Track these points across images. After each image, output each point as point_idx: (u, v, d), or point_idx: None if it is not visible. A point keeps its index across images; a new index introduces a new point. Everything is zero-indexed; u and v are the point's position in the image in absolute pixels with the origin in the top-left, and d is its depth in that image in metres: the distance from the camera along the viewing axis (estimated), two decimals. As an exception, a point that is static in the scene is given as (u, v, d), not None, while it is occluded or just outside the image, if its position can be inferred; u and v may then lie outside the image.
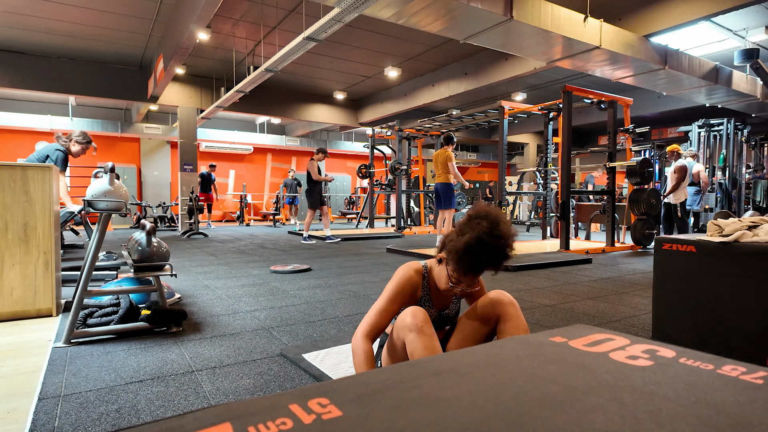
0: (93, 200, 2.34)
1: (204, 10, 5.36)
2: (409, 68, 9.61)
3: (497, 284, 3.74)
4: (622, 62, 6.20)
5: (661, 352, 0.61)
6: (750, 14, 6.42)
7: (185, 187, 9.99)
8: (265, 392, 1.64)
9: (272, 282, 3.84)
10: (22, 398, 1.60)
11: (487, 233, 1.32)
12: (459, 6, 4.61)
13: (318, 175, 6.99)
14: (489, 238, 1.32)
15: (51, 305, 2.67)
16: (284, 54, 6.12)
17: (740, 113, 9.99)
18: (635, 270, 4.57)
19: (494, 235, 1.32)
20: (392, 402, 0.47)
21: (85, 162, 12.20)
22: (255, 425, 0.41)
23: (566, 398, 0.48)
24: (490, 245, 1.32)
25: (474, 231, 1.34)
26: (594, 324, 2.59)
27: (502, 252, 1.34)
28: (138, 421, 1.43)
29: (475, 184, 16.88)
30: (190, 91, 10.20)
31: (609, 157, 6.28)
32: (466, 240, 1.33)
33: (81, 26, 7.36)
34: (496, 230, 1.33)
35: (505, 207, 7.02)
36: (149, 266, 2.44)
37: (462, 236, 1.36)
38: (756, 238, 1.81)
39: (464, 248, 1.34)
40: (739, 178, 8.70)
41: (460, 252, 1.35)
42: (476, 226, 1.35)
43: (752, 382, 0.52)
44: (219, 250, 6.21)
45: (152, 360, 1.96)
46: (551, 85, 10.52)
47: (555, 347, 0.65)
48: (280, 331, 2.42)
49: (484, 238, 1.32)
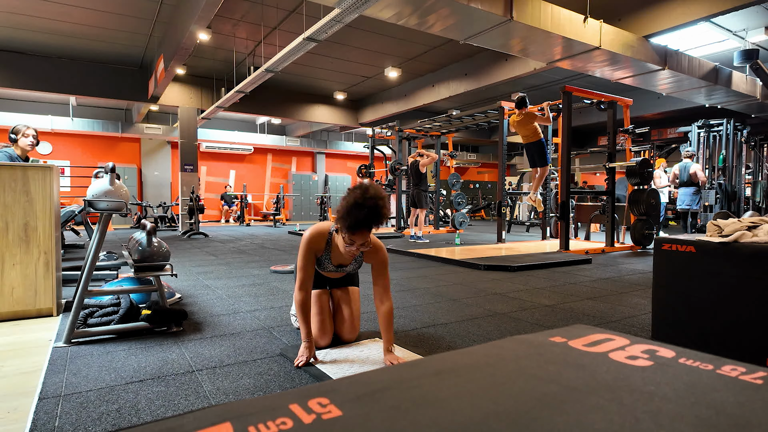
0: (93, 200, 2.34)
1: (204, 11, 5.36)
2: (409, 69, 9.61)
3: (497, 284, 3.75)
4: (622, 63, 6.20)
5: (660, 353, 0.61)
6: (750, 15, 6.42)
7: (185, 188, 9.99)
8: (265, 392, 1.64)
9: (272, 282, 3.84)
10: (23, 398, 1.60)
11: (360, 196, 1.74)
12: (459, 7, 4.61)
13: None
14: (362, 199, 1.73)
15: (51, 305, 2.67)
16: (284, 54, 6.12)
17: (740, 114, 9.98)
18: (635, 270, 4.57)
19: (366, 197, 1.74)
20: (392, 402, 0.47)
21: (86, 162, 12.22)
22: (255, 425, 0.41)
23: (566, 398, 0.48)
24: (363, 204, 1.72)
25: (350, 198, 1.76)
26: (594, 324, 2.58)
27: (375, 209, 1.74)
28: (138, 420, 1.43)
29: (475, 185, 16.88)
30: (191, 92, 10.21)
31: (609, 157, 6.28)
32: (344, 205, 1.76)
33: (81, 26, 7.36)
34: (367, 194, 1.74)
35: (505, 207, 7.02)
36: (150, 266, 2.44)
37: (343, 204, 1.78)
38: (755, 238, 1.81)
39: (345, 210, 1.75)
40: (738, 178, 8.71)
41: (342, 213, 1.76)
42: (352, 194, 1.76)
43: (752, 382, 0.52)
44: (219, 250, 6.21)
45: (152, 360, 1.96)
46: (551, 85, 10.52)
47: (555, 347, 0.65)
48: (280, 331, 2.42)
49: (359, 200, 1.73)
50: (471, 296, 3.31)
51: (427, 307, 2.98)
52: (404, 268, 4.67)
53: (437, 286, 3.68)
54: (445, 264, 4.97)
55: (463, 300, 3.18)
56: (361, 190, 1.77)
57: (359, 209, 1.73)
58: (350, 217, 1.74)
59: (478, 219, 16.06)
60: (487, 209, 15.22)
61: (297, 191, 15.41)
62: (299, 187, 15.52)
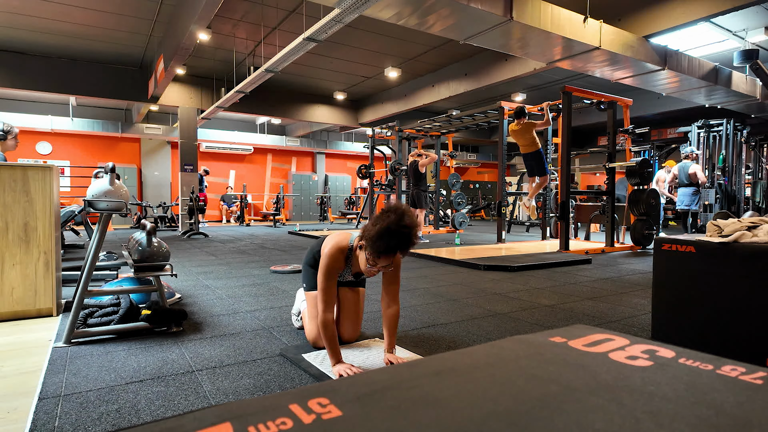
0: (93, 200, 2.34)
1: (204, 11, 5.36)
2: (409, 69, 9.61)
3: (497, 284, 3.75)
4: (622, 63, 6.20)
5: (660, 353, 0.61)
6: (749, 15, 6.42)
7: (185, 188, 9.99)
8: (265, 392, 1.64)
9: (272, 282, 3.84)
10: (23, 398, 1.60)
11: (395, 222, 1.65)
12: (459, 7, 4.61)
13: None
14: (397, 227, 1.64)
15: (51, 305, 2.67)
16: (284, 54, 6.12)
17: (740, 114, 9.98)
18: (635, 270, 4.57)
19: (402, 224, 1.65)
20: (392, 402, 0.47)
21: (86, 162, 12.21)
22: (255, 425, 0.41)
23: (566, 398, 0.48)
24: (398, 232, 1.64)
25: (384, 222, 1.66)
26: (594, 324, 2.58)
27: (408, 238, 1.67)
28: (138, 421, 1.43)
29: (475, 185, 16.88)
30: (191, 92, 10.21)
31: (609, 157, 6.28)
32: (377, 229, 1.66)
33: (81, 26, 7.36)
34: (402, 221, 1.65)
35: (505, 207, 7.02)
36: (149, 266, 2.44)
37: (375, 227, 1.68)
38: (755, 238, 1.81)
39: (376, 235, 1.66)
40: (738, 178, 8.70)
41: (374, 239, 1.67)
42: (386, 219, 1.66)
43: (752, 382, 0.52)
44: (219, 250, 6.21)
45: (152, 360, 1.96)
46: (551, 85, 10.52)
47: (555, 347, 0.65)
48: (280, 331, 2.42)
49: (393, 227, 1.64)
50: (471, 296, 3.31)
51: (427, 307, 2.98)
52: (404, 268, 4.67)
53: (437, 286, 3.68)
54: (445, 264, 4.97)
55: (463, 300, 3.18)
56: (397, 216, 1.66)
57: (392, 237, 1.65)
58: (381, 242, 1.66)
59: (478, 219, 16.06)
60: (487, 209, 15.22)
61: (297, 191, 15.41)
62: (299, 187, 15.52)
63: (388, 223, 1.64)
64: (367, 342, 2.18)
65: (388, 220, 1.65)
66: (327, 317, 1.77)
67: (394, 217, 1.66)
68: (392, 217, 1.66)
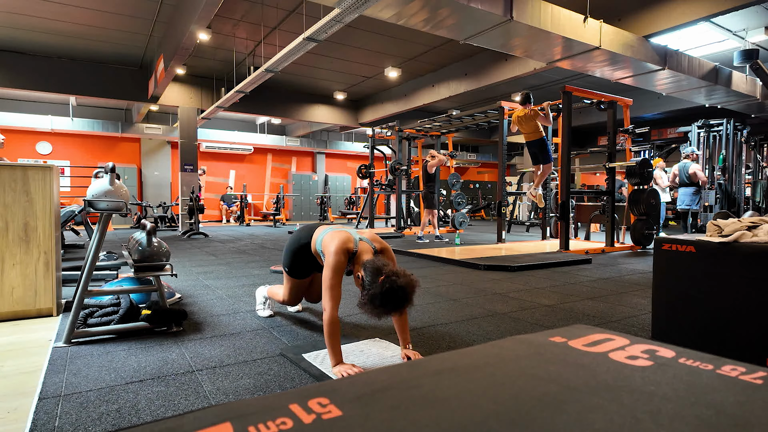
0: (93, 200, 2.34)
1: (204, 11, 5.36)
2: (409, 69, 9.61)
3: (497, 284, 3.75)
4: (622, 63, 6.20)
5: (660, 352, 0.61)
6: (749, 15, 6.42)
7: (185, 188, 9.99)
8: (265, 392, 1.64)
9: (272, 282, 3.84)
10: (23, 398, 1.60)
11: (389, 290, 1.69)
12: (459, 6, 4.61)
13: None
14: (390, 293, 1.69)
15: (51, 305, 2.67)
16: (284, 54, 6.12)
17: (740, 114, 9.98)
18: (635, 270, 4.57)
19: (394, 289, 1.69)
20: (392, 402, 0.47)
21: (86, 162, 12.21)
22: (255, 425, 0.41)
23: (566, 398, 0.48)
24: (395, 297, 1.70)
25: (383, 287, 1.70)
26: (594, 324, 2.58)
27: (403, 303, 1.73)
28: (138, 420, 1.43)
29: (475, 185, 16.88)
30: (191, 92, 10.21)
31: (609, 157, 6.28)
32: (376, 291, 1.70)
33: (81, 26, 7.36)
34: (401, 292, 1.70)
35: (505, 207, 7.02)
36: (150, 266, 2.44)
37: (374, 287, 1.72)
38: (755, 238, 1.81)
39: (376, 301, 1.70)
40: (738, 178, 8.70)
41: (375, 302, 1.71)
42: (380, 286, 1.70)
43: (752, 382, 0.52)
44: (219, 250, 6.21)
45: (152, 360, 1.96)
46: (551, 85, 10.52)
47: (555, 347, 0.65)
48: (280, 331, 2.42)
49: (386, 294, 1.69)
50: (471, 296, 3.31)
51: (427, 307, 2.98)
52: (404, 268, 4.67)
53: (437, 286, 3.68)
54: (445, 264, 4.97)
55: (463, 300, 3.18)
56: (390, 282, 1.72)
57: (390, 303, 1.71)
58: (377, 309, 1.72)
59: (478, 219, 16.06)
60: (487, 209, 15.22)
61: (297, 191, 15.41)
62: (299, 187, 15.52)
63: (382, 291, 1.70)
64: (367, 342, 2.19)
65: (382, 288, 1.70)
66: (333, 315, 1.79)
67: (388, 286, 1.70)
68: (386, 286, 1.70)
